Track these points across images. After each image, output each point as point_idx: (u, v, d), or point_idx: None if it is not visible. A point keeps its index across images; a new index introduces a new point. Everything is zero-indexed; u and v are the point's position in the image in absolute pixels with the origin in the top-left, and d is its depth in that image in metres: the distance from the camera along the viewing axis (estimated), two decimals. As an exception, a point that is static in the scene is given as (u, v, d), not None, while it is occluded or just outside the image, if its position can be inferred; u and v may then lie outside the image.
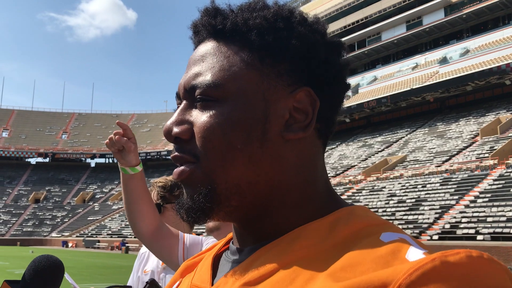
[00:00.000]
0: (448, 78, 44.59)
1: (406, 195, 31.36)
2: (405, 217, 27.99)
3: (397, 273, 0.43)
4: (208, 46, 0.63)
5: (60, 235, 62.29)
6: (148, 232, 1.74)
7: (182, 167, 0.61)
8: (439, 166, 34.77)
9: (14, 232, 64.72)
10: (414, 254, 0.47)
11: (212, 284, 0.62)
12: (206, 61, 0.62)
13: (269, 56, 0.61)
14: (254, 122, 0.59)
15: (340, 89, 0.64)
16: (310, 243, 0.55)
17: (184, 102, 0.63)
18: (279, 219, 0.60)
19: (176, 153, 0.62)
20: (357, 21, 59.10)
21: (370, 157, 45.15)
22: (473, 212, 25.33)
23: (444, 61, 49.88)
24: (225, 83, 0.59)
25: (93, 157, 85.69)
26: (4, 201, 72.61)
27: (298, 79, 0.61)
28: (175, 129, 0.61)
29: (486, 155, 32.93)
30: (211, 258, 0.69)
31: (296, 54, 0.61)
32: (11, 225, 66.50)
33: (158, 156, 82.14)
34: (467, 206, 26.46)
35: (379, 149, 46.48)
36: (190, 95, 0.62)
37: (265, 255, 0.57)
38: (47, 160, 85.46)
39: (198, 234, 2.16)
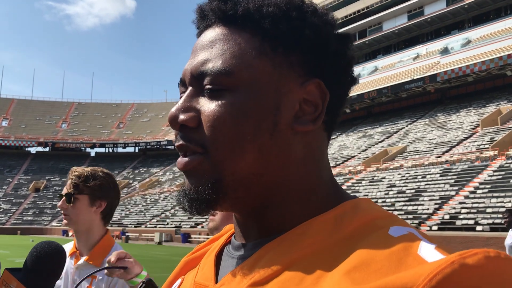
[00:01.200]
0: (449, 68, 44.43)
1: (406, 186, 31.39)
2: (404, 207, 28.03)
3: (416, 278, 0.43)
4: (217, 32, 0.61)
5: (60, 224, 62.40)
6: None
7: (187, 158, 0.59)
8: (439, 157, 34.75)
9: (15, 221, 64.95)
10: (427, 250, 0.47)
11: (216, 282, 0.61)
12: (215, 47, 0.60)
13: (281, 45, 0.59)
14: (266, 113, 0.58)
15: (348, 82, 0.64)
16: (316, 239, 0.54)
17: (190, 88, 0.61)
18: (284, 212, 0.59)
19: (182, 142, 0.59)
20: (358, 11, 58.79)
21: (370, 147, 45.13)
22: (472, 203, 25.37)
23: (445, 51, 49.70)
24: (236, 71, 0.58)
25: (93, 146, 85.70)
26: (4, 190, 72.76)
27: (309, 70, 0.60)
28: (181, 116, 0.59)
29: (487, 146, 32.93)
30: (214, 254, 0.67)
31: (309, 45, 0.59)
32: (11, 214, 66.73)
33: (158, 146, 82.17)
34: (466, 197, 26.50)
35: (379, 140, 46.45)
36: (198, 82, 0.60)
37: (271, 252, 0.56)
38: (47, 149, 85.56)
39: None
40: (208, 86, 0.58)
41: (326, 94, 0.60)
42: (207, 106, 0.58)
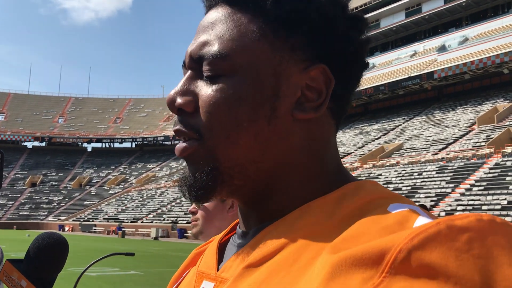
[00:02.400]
0: (446, 66, 44.47)
1: (402, 183, 31.48)
2: (400, 204, 28.07)
3: (397, 239, 0.41)
4: (219, 13, 0.59)
5: (56, 219, 62.41)
6: None
7: (184, 144, 0.58)
8: (435, 154, 34.85)
9: (11, 216, 64.79)
10: (421, 222, 0.45)
11: (218, 269, 0.60)
12: (215, 29, 0.58)
13: (283, 28, 0.56)
14: (263, 99, 0.55)
15: (358, 67, 0.61)
16: (315, 220, 0.53)
17: (189, 71, 0.60)
18: (284, 198, 0.58)
19: (179, 127, 0.58)
20: (356, 8, 58.65)
21: (366, 144, 45.21)
22: (468, 200, 25.48)
23: (442, 49, 49.73)
24: (233, 54, 0.56)
25: (89, 141, 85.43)
26: (0, 185, 72.48)
27: (313, 55, 0.57)
28: (179, 100, 0.58)
29: (483, 143, 33.00)
30: (216, 243, 0.67)
31: (313, 28, 0.56)
32: (7, 209, 66.57)
33: (154, 141, 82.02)
34: (462, 194, 26.60)
35: (376, 137, 46.53)
36: (197, 65, 0.59)
37: (268, 235, 0.55)
38: (43, 144, 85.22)
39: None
40: (206, 71, 0.57)
41: (331, 80, 0.57)
42: (204, 90, 0.57)
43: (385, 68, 54.06)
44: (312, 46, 0.57)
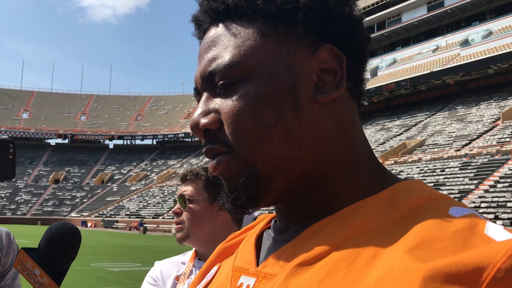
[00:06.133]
0: (469, 60, 43.70)
1: (425, 179, 31.06)
2: (423, 201, 27.75)
3: (493, 256, 0.40)
4: (215, 31, 0.60)
5: (79, 215, 63.37)
6: None
7: (216, 160, 0.57)
8: (458, 150, 34.31)
9: (35, 212, 66.07)
10: (494, 230, 0.44)
11: (258, 265, 0.58)
12: (217, 45, 0.59)
13: (281, 21, 0.57)
14: (284, 92, 0.56)
15: (362, 42, 0.61)
16: (369, 220, 0.52)
17: (204, 94, 0.60)
18: (329, 193, 0.57)
19: (208, 147, 0.58)
20: (377, 2, 58.07)
21: (388, 140, 44.76)
22: (492, 197, 25.03)
23: (465, 43, 48.89)
24: (243, 60, 0.56)
25: (111, 138, 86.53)
26: (25, 181, 73.99)
27: (317, 38, 0.58)
28: (203, 121, 0.58)
29: (507, 139, 32.38)
30: (253, 238, 0.65)
31: (309, 12, 0.57)
32: (32, 205, 67.86)
33: (175, 138, 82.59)
34: (486, 191, 26.15)
35: (398, 133, 46.03)
36: (209, 84, 0.59)
37: (319, 233, 0.53)
38: (66, 141, 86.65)
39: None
40: (220, 82, 0.57)
41: (341, 57, 0.57)
42: (225, 104, 0.57)
43: (406, 63, 53.40)
44: (313, 30, 0.58)
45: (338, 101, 0.58)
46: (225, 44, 0.58)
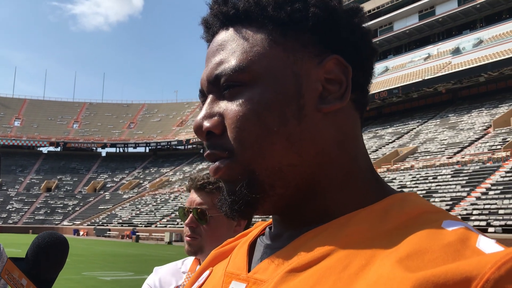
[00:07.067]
0: (461, 69, 44.05)
1: (417, 187, 31.18)
2: (415, 208, 27.82)
3: (482, 266, 0.40)
4: (224, 35, 0.60)
5: (71, 223, 62.90)
6: None
7: (216, 164, 0.58)
8: (450, 157, 34.49)
9: (27, 220, 65.43)
10: (486, 244, 0.45)
11: (249, 271, 0.59)
12: (225, 49, 0.59)
13: (290, 29, 0.58)
14: (288, 100, 0.56)
15: (368, 54, 0.61)
16: (362, 229, 0.52)
17: (209, 96, 0.60)
18: (326, 202, 0.57)
19: (209, 151, 0.58)
20: (369, 11, 58.49)
21: (380, 148, 44.91)
22: (484, 204, 25.13)
23: (457, 51, 49.30)
24: (250, 65, 0.57)
25: (104, 146, 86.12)
26: (16, 190, 73.39)
27: (324, 48, 0.58)
28: (206, 124, 0.58)
29: (499, 147, 32.60)
30: (247, 244, 0.65)
31: (318, 22, 0.57)
32: (23, 213, 67.25)
33: (168, 146, 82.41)
34: (478, 198, 26.26)
35: (390, 140, 46.20)
36: (215, 87, 0.59)
37: (312, 240, 0.54)
38: (58, 149, 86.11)
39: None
40: (225, 85, 0.57)
41: (347, 68, 0.58)
42: (229, 108, 0.57)
43: (398, 72, 53.73)
44: (321, 40, 0.58)
45: (341, 111, 0.58)
46: (233, 48, 0.58)
